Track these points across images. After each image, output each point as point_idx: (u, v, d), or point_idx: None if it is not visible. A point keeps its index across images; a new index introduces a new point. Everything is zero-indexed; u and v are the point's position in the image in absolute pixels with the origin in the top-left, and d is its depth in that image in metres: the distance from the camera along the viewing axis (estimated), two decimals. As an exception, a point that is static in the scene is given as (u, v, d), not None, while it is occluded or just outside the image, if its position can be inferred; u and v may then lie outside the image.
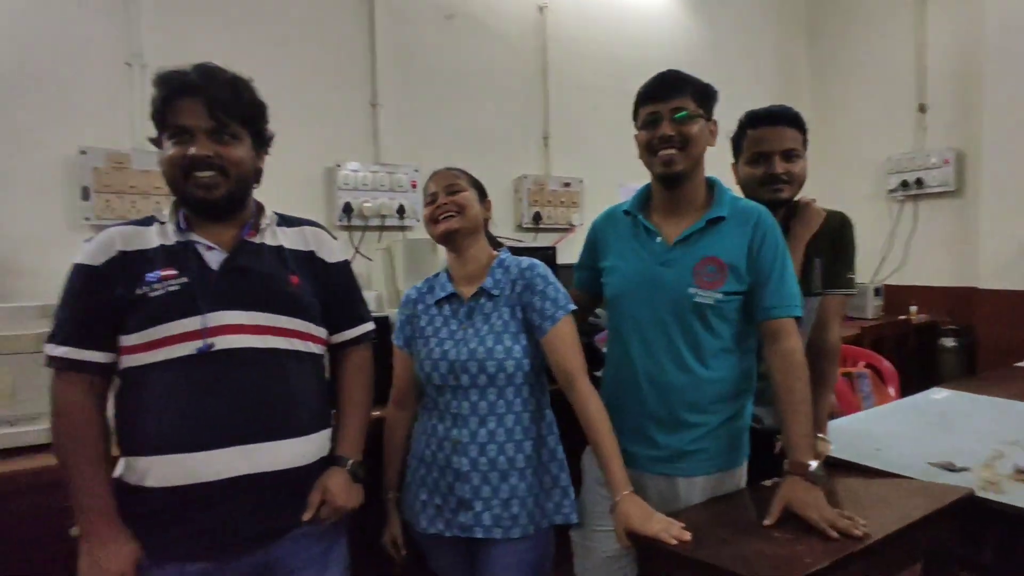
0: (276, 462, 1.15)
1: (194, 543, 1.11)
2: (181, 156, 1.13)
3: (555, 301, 1.36)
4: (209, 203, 1.16)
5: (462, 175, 1.42)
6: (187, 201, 1.18)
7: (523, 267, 1.40)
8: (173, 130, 1.14)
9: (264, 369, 1.15)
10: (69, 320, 1.12)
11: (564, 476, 1.40)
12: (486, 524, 1.32)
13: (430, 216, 1.39)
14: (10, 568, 1.33)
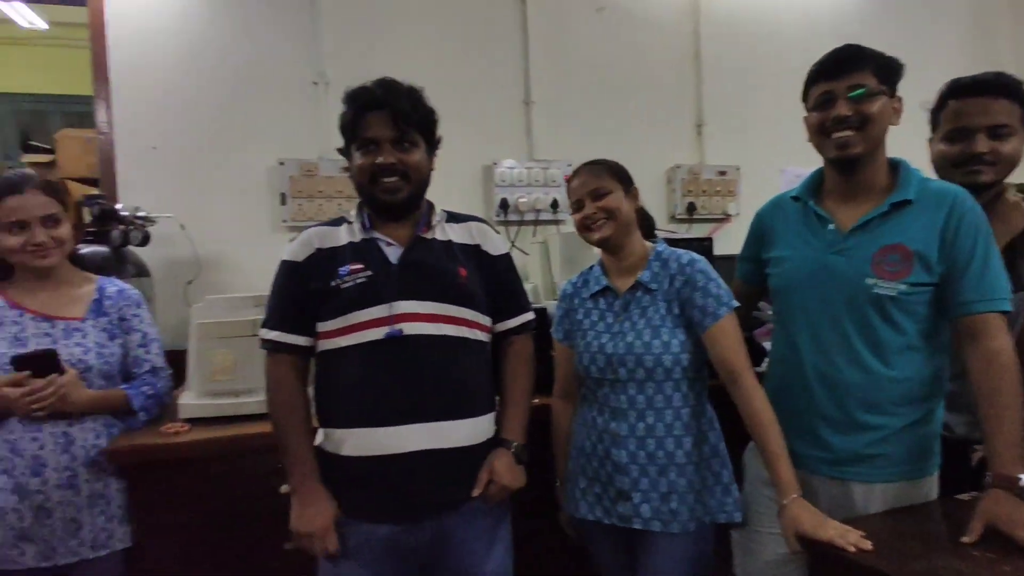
0: (453, 440, 1.25)
1: (382, 507, 1.24)
2: (370, 164, 1.26)
3: (717, 298, 1.32)
4: (394, 205, 1.29)
5: (604, 172, 1.40)
6: (373, 203, 1.32)
7: (683, 262, 1.37)
8: (362, 141, 1.28)
9: (440, 354, 1.26)
10: (277, 308, 1.31)
11: (726, 473, 1.37)
12: (645, 516, 1.33)
13: (581, 224, 1.41)
14: (233, 516, 1.57)
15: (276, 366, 1.29)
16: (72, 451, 1.46)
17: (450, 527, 1.29)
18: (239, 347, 1.63)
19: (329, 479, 1.28)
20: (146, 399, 1.56)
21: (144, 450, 1.48)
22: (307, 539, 1.23)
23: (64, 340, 1.48)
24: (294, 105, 2.29)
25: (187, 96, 2.19)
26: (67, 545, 1.45)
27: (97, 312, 1.55)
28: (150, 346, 1.61)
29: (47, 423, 1.44)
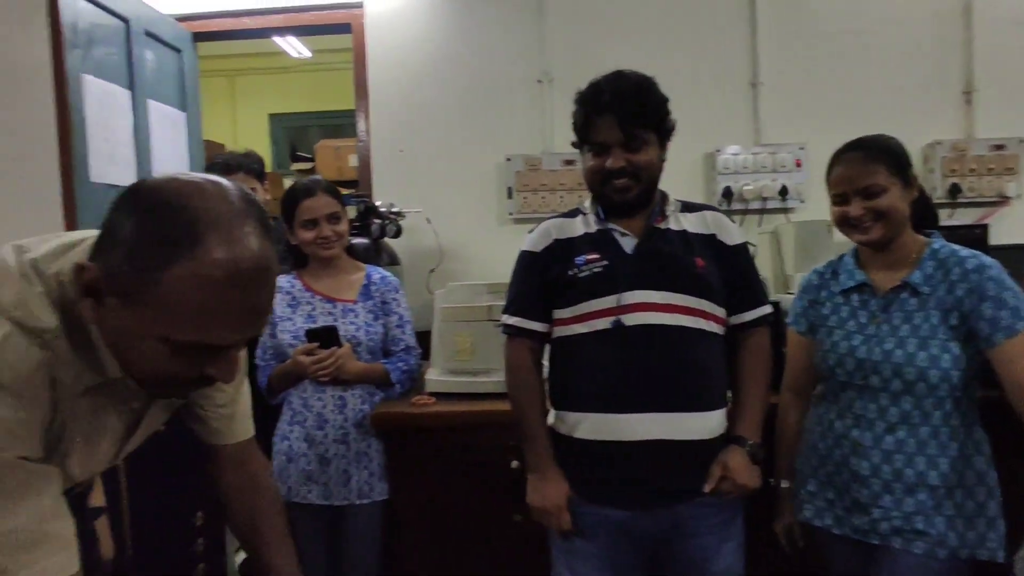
0: (686, 432, 1.24)
1: (614, 492, 1.27)
2: (600, 168, 1.29)
3: (1015, 311, 1.13)
4: (624, 204, 1.31)
5: (878, 163, 1.21)
6: (605, 201, 1.34)
7: (968, 268, 1.18)
8: (592, 145, 1.31)
9: (675, 345, 1.24)
10: (517, 296, 1.39)
11: (993, 505, 1.18)
12: (883, 532, 1.19)
13: (841, 219, 1.26)
14: (470, 483, 1.71)
15: (515, 349, 1.38)
16: (345, 413, 1.72)
17: (683, 518, 1.27)
18: (477, 330, 1.78)
19: (562, 459, 1.33)
20: (401, 373, 1.78)
21: (400, 417, 1.69)
22: (542, 514, 1.30)
23: (342, 319, 1.75)
24: (519, 103, 2.42)
25: (428, 102, 2.43)
26: (340, 491, 1.72)
27: (366, 296, 1.80)
28: (405, 327, 1.84)
29: (328, 387, 1.71)
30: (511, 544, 1.69)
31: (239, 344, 0.74)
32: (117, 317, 0.68)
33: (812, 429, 1.36)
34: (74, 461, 0.79)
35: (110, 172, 2.16)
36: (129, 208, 0.67)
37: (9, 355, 0.66)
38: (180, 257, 0.64)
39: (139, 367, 0.72)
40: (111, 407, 0.81)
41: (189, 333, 0.67)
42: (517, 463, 1.65)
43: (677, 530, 1.28)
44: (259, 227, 0.69)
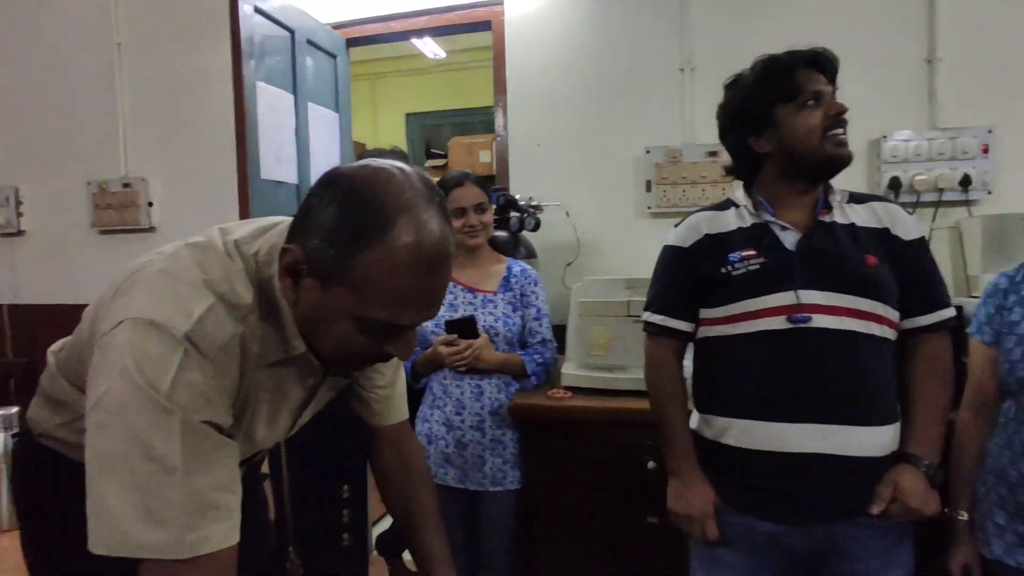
0: (850, 447, 1.13)
1: (765, 504, 1.19)
2: (822, 117, 1.19)
3: None
4: (844, 161, 1.21)
5: None
6: (814, 166, 1.21)
7: None
8: (806, 96, 1.20)
9: (840, 351, 1.14)
10: (662, 293, 1.34)
11: None
12: None
13: None
14: (604, 479, 1.69)
15: (658, 348, 1.33)
16: (482, 401, 1.77)
17: (842, 539, 1.16)
18: (614, 326, 1.75)
19: (707, 464, 1.27)
20: (536, 366, 1.80)
21: (536, 409, 1.70)
22: (686, 521, 1.25)
23: (481, 309, 1.80)
24: (660, 93, 2.34)
25: (566, 96, 2.42)
26: (475, 476, 1.77)
27: (505, 287, 1.84)
28: (542, 320, 1.85)
29: (466, 375, 1.77)
30: (643, 545, 1.65)
31: (419, 324, 0.78)
32: (313, 297, 0.74)
33: (999, 453, 1.20)
34: (259, 430, 0.86)
35: (277, 170, 2.38)
36: (328, 195, 0.72)
37: (210, 326, 0.73)
38: (374, 241, 0.69)
39: (327, 343, 0.78)
40: (291, 382, 0.87)
41: (378, 313, 0.72)
42: (653, 464, 1.60)
43: (836, 551, 1.17)
44: (439, 211, 0.74)
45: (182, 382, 0.70)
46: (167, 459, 0.68)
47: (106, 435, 0.69)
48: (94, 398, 0.71)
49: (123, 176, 2.89)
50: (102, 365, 0.71)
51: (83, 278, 2.97)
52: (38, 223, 3.08)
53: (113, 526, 0.68)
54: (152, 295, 0.74)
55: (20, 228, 3.07)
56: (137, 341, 0.70)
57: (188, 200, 2.84)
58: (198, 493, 0.70)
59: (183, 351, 0.71)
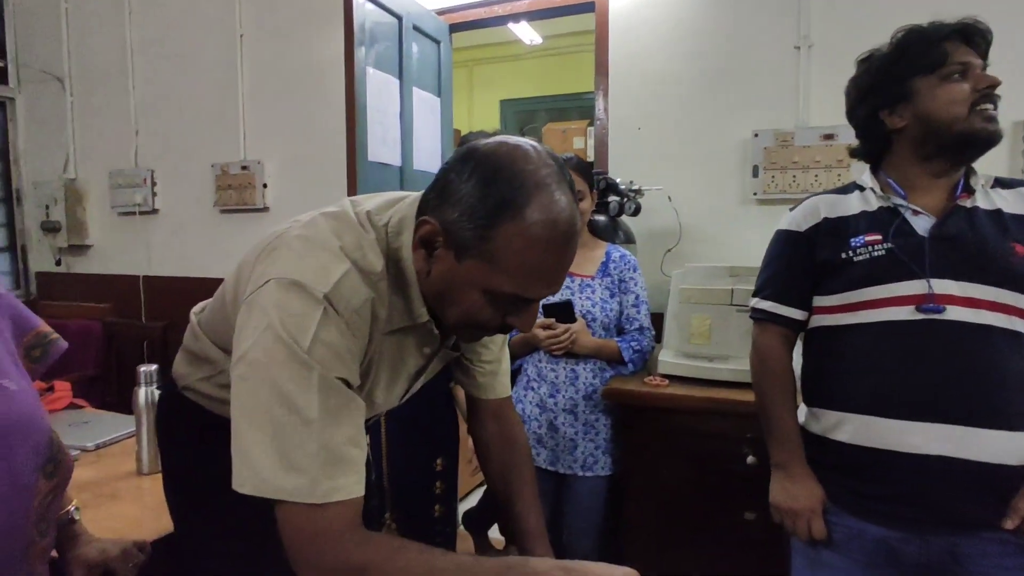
0: (982, 452, 1.03)
1: (877, 506, 1.12)
2: (971, 89, 1.10)
3: None
4: (992, 139, 1.10)
5: None
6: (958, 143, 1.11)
7: None
8: (952, 68, 1.11)
9: (976, 346, 1.04)
10: (773, 279, 1.28)
11: None
12: None
13: None
14: (701, 471, 1.64)
15: (766, 336, 1.28)
16: (576, 385, 1.76)
17: (965, 552, 1.07)
18: (716, 314, 1.69)
19: (813, 461, 1.21)
20: (633, 353, 1.77)
21: (631, 395, 1.68)
22: (790, 516, 1.19)
23: (579, 293, 1.79)
24: (771, 73, 2.21)
25: (670, 77, 2.34)
26: (566, 459, 1.77)
27: (604, 272, 1.82)
28: (640, 307, 1.82)
29: (562, 359, 1.77)
30: (738, 542, 1.59)
31: (543, 297, 0.80)
32: (446, 268, 0.77)
33: None
34: (378, 393, 0.91)
35: (382, 152, 2.47)
36: (467, 170, 0.75)
37: (346, 289, 0.77)
38: (511, 217, 0.72)
39: (454, 313, 0.81)
40: (410, 349, 0.91)
41: (510, 286, 0.75)
42: (753, 458, 1.54)
43: (956, 564, 1.08)
44: (569, 189, 0.76)
45: (320, 340, 0.74)
46: (306, 411, 0.72)
47: (250, 386, 0.74)
48: (240, 351, 0.76)
49: (242, 159, 3.10)
50: (249, 321, 0.76)
51: (206, 254, 3.23)
52: (169, 202, 3.37)
53: (254, 469, 0.73)
54: (294, 258, 0.78)
55: (155, 207, 3.38)
56: (282, 299, 0.74)
57: (300, 182, 3.01)
58: (332, 445, 0.74)
59: (323, 310, 0.74)
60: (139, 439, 1.51)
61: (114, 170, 3.44)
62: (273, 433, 0.72)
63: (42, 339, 0.93)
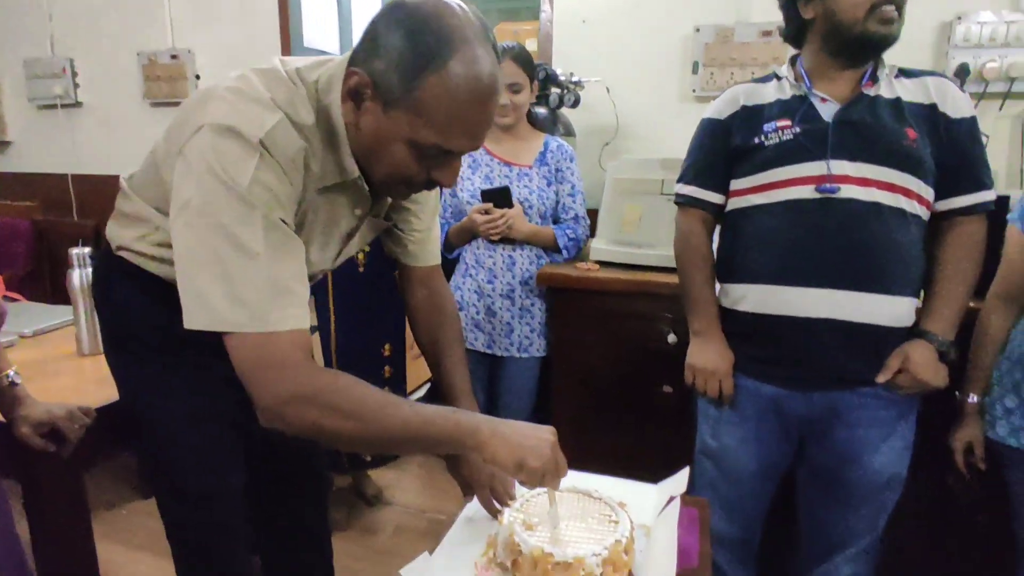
0: (865, 315, 1.16)
1: (772, 368, 1.24)
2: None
3: None
4: (886, 41, 1.16)
5: None
6: (856, 42, 1.16)
7: None
8: None
9: (867, 222, 1.14)
10: (694, 165, 1.34)
11: None
12: None
13: None
14: (626, 348, 1.75)
15: (687, 219, 1.36)
16: (513, 270, 1.83)
17: (843, 407, 1.22)
18: (646, 203, 1.76)
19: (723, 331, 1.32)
20: (568, 240, 1.84)
21: (564, 278, 1.77)
22: (704, 375, 1.31)
23: (517, 182, 1.83)
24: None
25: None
26: (502, 342, 1.87)
27: (541, 162, 1.85)
28: (576, 196, 1.87)
29: (499, 246, 1.83)
30: (656, 412, 1.74)
31: (464, 152, 0.84)
32: (373, 119, 0.80)
33: (1020, 340, 1.21)
34: (313, 251, 0.95)
35: (317, 39, 2.37)
36: (394, 23, 0.77)
37: (279, 137, 0.80)
38: (436, 68, 0.74)
39: (382, 167, 0.84)
40: (343, 209, 0.95)
41: (433, 136, 0.78)
42: (674, 337, 1.67)
43: (836, 417, 1.23)
44: (493, 49, 0.79)
45: (259, 181, 0.77)
46: (251, 246, 0.77)
47: (194, 232, 0.78)
48: (181, 200, 0.79)
49: (171, 48, 2.92)
50: (187, 171, 0.79)
51: (137, 150, 3.06)
52: (93, 95, 3.17)
53: (206, 306, 0.78)
54: (227, 106, 0.80)
55: (78, 100, 3.17)
56: (218, 144, 0.77)
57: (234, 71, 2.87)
58: (277, 279, 0.79)
59: (259, 155, 0.78)
60: (77, 321, 1.52)
61: (29, 59, 3.19)
62: (222, 270, 0.76)
63: None
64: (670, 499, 0.98)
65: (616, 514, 0.95)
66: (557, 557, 0.83)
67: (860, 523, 1.28)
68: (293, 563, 1.39)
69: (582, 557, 0.83)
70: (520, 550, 0.86)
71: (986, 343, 1.28)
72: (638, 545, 0.94)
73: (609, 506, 0.98)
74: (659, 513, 0.99)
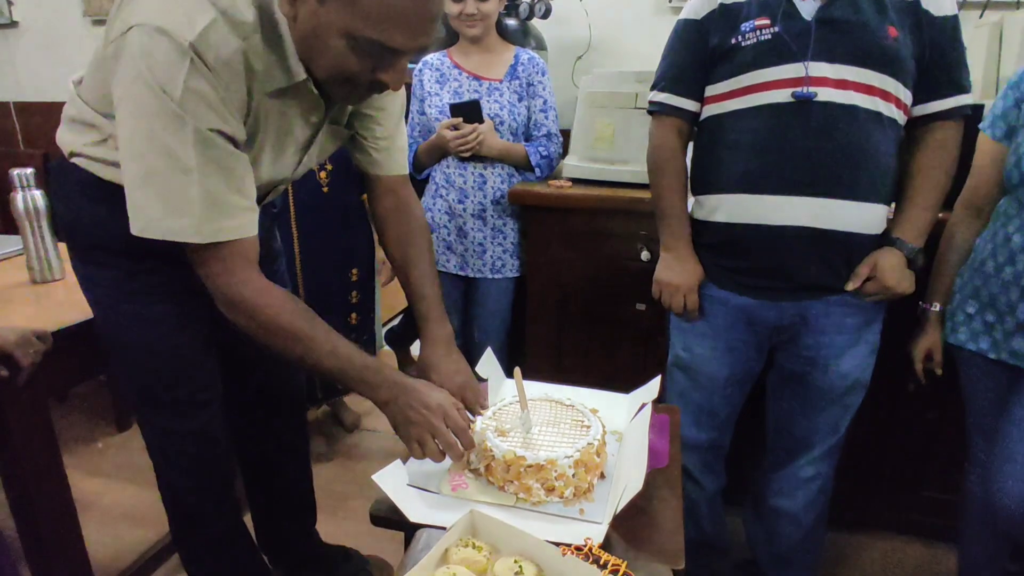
0: (837, 222, 1.15)
1: (743, 278, 1.24)
2: None
3: None
4: None
5: None
6: None
7: None
8: None
9: (842, 126, 1.11)
10: (668, 70, 1.28)
11: None
12: None
13: None
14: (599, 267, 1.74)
15: (661, 128, 1.31)
16: (484, 190, 1.79)
17: (812, 314, 1.23)
18: (619, 118, 1.71)
19: (695, 244, 1.31)
20: (540, 158, 1.79)
21: (536, 196, 1.73)
22: (671, 291, 1.31)
23: (487, 96, 1.76)
24: None
25: None
26: (475, 263, 1.85)
27: (512, 75, 1.77)
28: (548, 112, 1.81)
29: (469, 164, 1.77)
30: (630, 329, 1.75)
31: (407, 51, 0.80)
32: (309, 12, 0.77)
33: (982, 247, 1.22)
34: (265, 160, 0.93)
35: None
36: None
37: (213, 38, 0.77)
38: None
39: (323, 64, 0.82)
40: (295, 116, 0.93)
41: (370, 31, 0.75)
42: (648, 254, 1.65)
43: (805, 325, 1.24)
44: None
45: (191, 89, 0.76)
46: (184, 160, 0.77)
47: (132, 142, 0.79)
48: (116, 99, 0.79)
49: (110, -42, 2.69)
50: (117, 70, 0.78)
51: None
52: (30, 13, 2.93)
53: (143, 215, 0.81)
54: (157, 3, 0.77)
55: (12, 19, 2.94)
56: (148, 46, 0.75)
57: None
58: (212, 191, 0.80)
59: (190, 60, 0.75)
60: (27, 248, 1.45)
61: (-46, -29, 2.92)
62: (157, 182, 0.80)
63: None
64: (641, 406, 0.99)
65: (588, 419, 0.96)
66: (529, 460, 0.84)
67: (824, 426, 1.32)
68: (276, 480, 1.41)
69: (554, 459, 0.84)
70: (493, 455, 0.87)
71: (950, 253, 1.29)
72: (610, 448, 0.96)
73: (581, 412, 0.99)
74: (631, 420, 1.01)
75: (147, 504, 1.89)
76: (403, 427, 0.89)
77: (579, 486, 0.86)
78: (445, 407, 0.88)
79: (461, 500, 0.85)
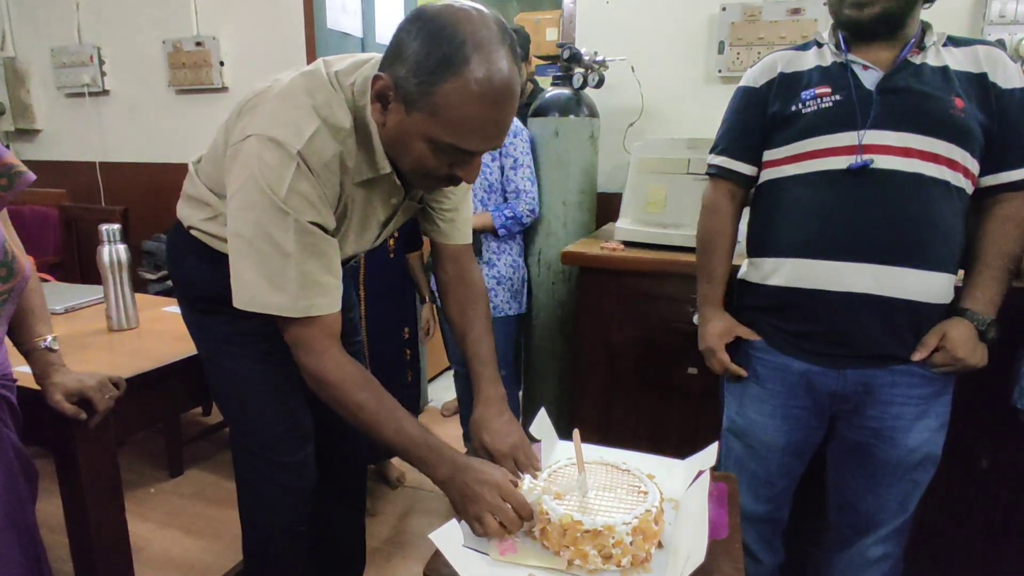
0: (902, 290, 1.13)
1: (803, 343, 1.22)
2: None
3: None
4: (860, 24, 1.15)
5: None
6: (841, 23, 1.19)
7: None
8: None
9: (905, 194, 1.11)
10: (727, 134, 1.32)
11: None
12: None
13: None
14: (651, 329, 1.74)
15: (715, 191, 1.33)
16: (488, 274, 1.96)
17: (878, 384, 1.19)
18: (671, 183, 1.74)
19: (749, 307, 1.30)
20: (505, 219, 1.96)
21: (588, 258, 1.75)
22: (705, 355, 1.31)
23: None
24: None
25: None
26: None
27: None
28: (518, 169, 1.97)
29: None
30: (683, 393, 1.72)
31: (483, 151, 0.90)
32: (397, 119, 0.87)
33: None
34: (351, 237, 1.06)
35: (342, 20, 2.37)
36: (415, 30, 0.83)
37: (317, 145, 0.90)
38: (452, 74, 0.80)
39: (407, 161, 0.92)
40: (378, 199, 1.05)
41: (449, 136, 0.84)
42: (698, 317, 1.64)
43: (869, 394, 1.20)
44: (510, 52, 0.83)
45: (294, 190, 0.88)
46: (283, 246, 0.90)
47: (240, 227, 0.91)
48: (231, 192, 0.93)
49: (195, 35, 2.94)
50: (234, 169, 0.92)
51: (163, 137, 3.12)
52: (120, 83, 3.21)
53: (247, 290, 0.93)
54: (272, 116, 0.91)
55: (105, 88, 3.22)
56: (262, 154, 0.88)
57: (258, 58, 2.88)
58: (307, 273, 0.92)
59: (295, 165, 0.88)
60: (107, 297, 1.54)
61: (56, 47, 3.24)
62: (259, 262, 0.90)
63: (8, 170, 0.98)
64: (698, 473, 0.97)
65: (645, 485, 0.94)
66: (587, 525, 0.83)
67: (892, 503, 1.25)
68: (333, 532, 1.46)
69: (612, 525, 0.82)
70: (549, 518, 0.86)
71: None
72: (667, 517, 0.94)
73: (638, 477, 0.97)
74: (687, 487, 0.98)
75: (195, 552, 1.91)
76: (462, 504, 0.91)
77: (637, 555, 0.84)
78: (500, 484, 0.89)
79: (515, 564, 0.84)
